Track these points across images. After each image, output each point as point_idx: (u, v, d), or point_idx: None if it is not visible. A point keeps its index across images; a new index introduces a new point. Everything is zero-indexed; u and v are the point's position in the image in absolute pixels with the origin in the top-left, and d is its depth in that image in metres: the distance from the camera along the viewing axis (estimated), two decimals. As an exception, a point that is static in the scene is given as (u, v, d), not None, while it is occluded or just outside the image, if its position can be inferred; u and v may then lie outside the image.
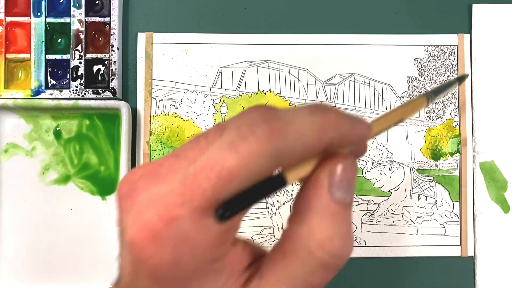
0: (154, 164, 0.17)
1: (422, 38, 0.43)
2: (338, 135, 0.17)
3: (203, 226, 0.16)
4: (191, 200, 0.15)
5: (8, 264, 0.40)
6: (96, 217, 0.40)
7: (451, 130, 0.42)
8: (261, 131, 0.16)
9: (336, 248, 0.17)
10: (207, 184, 0.15)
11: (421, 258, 0.42)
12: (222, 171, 0.15)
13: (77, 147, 0.41)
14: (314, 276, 0.18)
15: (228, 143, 0.16)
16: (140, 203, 0.17)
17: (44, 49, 0.41)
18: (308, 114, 0.17)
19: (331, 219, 0.18)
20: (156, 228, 0.16)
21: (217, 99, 0.42)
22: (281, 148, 0.16)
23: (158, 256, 0.16)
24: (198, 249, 0.16)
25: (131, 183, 0.17)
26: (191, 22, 0.42)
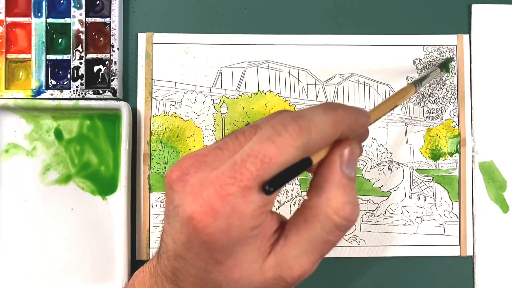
0: (200, 155, 0.22)
1: (421, 38, 0.43)
2: (347, 126, 0.22)
3: (250, 200, 0.20)
4: (241, 180, 0.20)
5: (8, 264, 0.40)
6: (97, 217, 0.40)
7: (450, 130, 0.43)
8: (292, 128, 0.20)
9: (348, 213, 0.22)
10: (253, 168, 0.20)
11: (420, 258, 0.42)
12: (265, 158, 0.20)
13: (77, 147, 0.41)
14: (330, 235, 0.23)
15: (266, 136, 0.20)
16: (193, 185, 0.21)
17: (45, 50, 0.41)
18: (323, 112, 0.21)
19: (343, 190, 0.22)
20: (214, 203, 0.20)
21: (217, 99, 0.42)
22: (307, 141, 0.20)
23: (214, 226, 0.20)
24: (245, 218, 0.20)
25: (182, 169, 0.22)
26: (191, 23, 0.42)
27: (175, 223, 0.21)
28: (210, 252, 0.21)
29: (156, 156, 0.41)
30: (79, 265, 0.40)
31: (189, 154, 0.23)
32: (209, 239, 0.20)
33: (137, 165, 0.41)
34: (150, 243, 0.41)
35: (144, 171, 0.41)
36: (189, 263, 0.22)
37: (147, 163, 0.41)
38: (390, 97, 0.30)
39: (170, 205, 0.22)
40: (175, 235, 0.22)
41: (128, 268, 0.39)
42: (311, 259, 0.23)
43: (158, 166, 0.41)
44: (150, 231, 0.41)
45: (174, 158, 0.41)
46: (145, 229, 0.41)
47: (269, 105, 0.42)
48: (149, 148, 0.41)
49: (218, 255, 0.21)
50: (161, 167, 0.41)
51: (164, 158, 0.41)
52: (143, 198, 0.41)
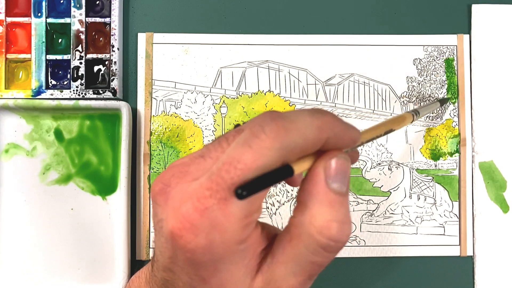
0: (183, 165, 0.21)
1: (421, 38, 0.43)
2: (333, 135, 0.20)
3: (229, 212, 0.19)
4: (216, 191, 0.18)
5: (8, 263, 0.40)
6: (97, 217, 0.40)
7: (450, 130, 0.43)
8: (269, 128, 0.19)
9: (333, 233, 0.20)
10: (227, 176, 0.18)
11: (421, 258, 0.42)
12: (239, 164, 0.18)
13: (77, 147, 0.41)
14: (316, 256, 0.21)
15: (243, 141, 0.19)
16: (174, 198, 0.20)
17: (45, 50, 0.41)
18: (309, 114, 0.20)
19: (328, 207, 0.20)
20: (192, 219, 0.19)
21: (217, 99, 0.42)
22: (286, 142, 0.19)
23: (194, 242, 0.19)
24: (227, 233, 0.19)
25: (163, 181, 0.20)
26: (191, 23, 0.42)
27: (160, 236, 0.21)
28: (194, 269, 0.20)
29: (156, 156, 0.41)
30: (79, 265, 0.40)
31: (173, 163, 0.22)
32: (191, 256, 0.19)
33: (137, 165, 0.41)
34: (150, 243, 0.41)
35: (144, 171, 0.41)
36: (177, 275, 0.21)
37: (147, 163, 0.41)
38: (386, 121, 0.28)
39: (155, 218, 0.21)
40: (161, 248, 0.21)
41: (128, 268, 0.39)
42: (299, 280, 0.22)
43: (158, 166, 0.41)
44: (150, 231, 0.41)
45: (174, 158, 0.41)
46: (145, 229, 0.41)
47: (269, 105, 0.42)
48: (149, 148, 0.41)
49: (203, 273, 0.20)
50: (161, 167, 0.41)
51: (164, 158, 0.41)
52: (143, 198, 0.41)
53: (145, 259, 0.41)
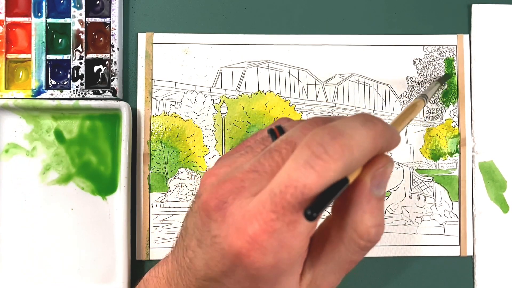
0: (237, 179, 0.21)
1: (421, 38, 0.43)
2: (385, 142, 0.21)
3: (297, 233, 0.19)
4: (284, 214, 0.19)
5: (8, 264, 0.40)
6: (97, 217, 0.40)
7: (450, 130, 0.43)
8: (333, 148, 0.18)
9: (372, 236, 0.21)
10: (295, 200, 0.18)
11: (420, 258, 0.42)
12: (305, 189, 0.18)
13: (77, 147, 0.41)
14: (354, 255, 0.22)
15: (304, 161, 0.18)
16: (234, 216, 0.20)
17: (45, 50, 0.41)
18: (362, 125, 0.20)
19: (370, 213, 0.21)
20: (261, 240, 0.19)
21: (217, 99, 0.42)
22: (349, 161, 0.19)
23: (262, 262, 0.19)
24: (294, 250, 0.20)
25: (219, 197, 0.20)
26: (191, 22, 0.42)
27: (213, 251, 0.21)
28: (254, 283, 0.21)
29: (156, 156, 0.41)
30: (79, 265, 0.40)
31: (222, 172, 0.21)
32: (256, 273, 0.20)
33: (137, 165, 0.41)
34: (150, 243, 0.41)
35: (144, 171, 0.41)
36: (225, 286, 0.21)
37: (147, 163, 0.41)
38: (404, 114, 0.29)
39: (206, 232, 0.21)
40: (210, 262, 0.21)
41: (128, 268, 0.39)
42: (337, 277, 0.23)
43: (158, 166, 0.41)
44: (150, 231, 0.41)
45: (174, 158, 0.41)
46: (145, 229, 0.41)
47: (269, 105, 0.42)
48: (149, 148, 0.41)
49: (262, 285, 0.21)
50: (161, 167, 0.41)
51: (164, 158, 0.41)
52: (143, 198, 0.41)
53: (145, 259, 0.41)
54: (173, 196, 0.41)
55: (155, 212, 0.41)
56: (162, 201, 0.41)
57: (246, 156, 0.23)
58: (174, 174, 0.41)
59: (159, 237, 0.41)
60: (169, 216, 0.41)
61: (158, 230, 0.41)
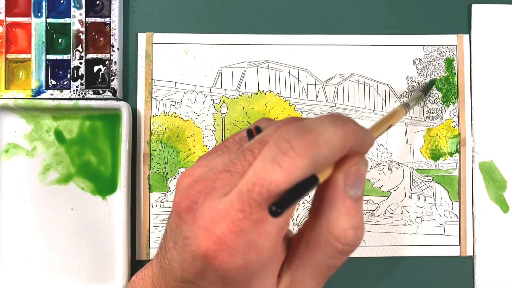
0: (208, 180, 0.20)
1: (421, 38, 0.43)
2: (356, 141, 0.20)
3: (265, 232, 0.19)
4: (250, 213, 0.18)
5: (8, 263, 0.40)
6: (97, 217, 0.40)
7: (450, 130, 0.43)
8: (299, 144, 0.18)
9: (350, 239, 0.21)
10: (261, 198, 0.18)
11: (421, 258, 0.42)
12: (271, 186, 0.18)
13: (77, 147, 0.41)
14: (332, 260, 0.21)
15: (271, 157, 0.18)
16: (203, 217, 0.19)
17: (45, 50, 0.41)
18: (331, 123, 0.19)
19: (346, 214, 0.21)
20: (228, 240, 0.19)
21: (217, 99, 0.42)
22: (316, 158, 0.18)
23: (231, 263, 0.19)
24: (263, 251, 0.19)
25: (190, 198, 0.20)
26: (191, 22, 0.42)
27: (185, 253, 0.20)
28: (226, 285, 0.20)
29: (156, 156, 0.41)
30: (79, 265, 0.40)
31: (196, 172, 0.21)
32: (226, 275, 0.19)
33: (137, 165, 0.41)
34: (150, 243, 0.41)
35: (144, 171, 0.41)
36: None
37: (147, 163, 0.41)
38: (383, 118, 0.29)
39: (179, 234, 0.21)
40: (184, 264, 0.21)
41: (128, 268, 0.39)
42: (317, 282, 0.22)
43: (158, 166, 0.41)
44: (150, 231, 0.41)
45: (174, 158, 0.41)
46: (145, 229, 0.41)
47: (269, 105, 0.42)
48: (149, 148, 0.41)
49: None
50: (161, 167, 0.41)
51: (164, 158, 0.41)
52: (143, 198, 0.41)
53: (145, 259, 0.41)
54: (173, 196, 0.41)
55: (155, 212, 0.41)
56: (162, 201, 0.41)
57: (222, 156, 0.22)
58: (174, 174, 0.41)
59: (159, 237, 0.41)
60: (169, 216, 0.41)
61: (158, 230, 0.41)
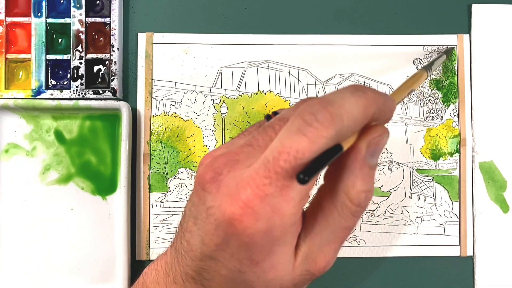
0: (231, 153, 0.21)
1: (421, 38, 0.43)
2: (377, 109, 0.21)
3: (289, 198, 0.20)
4: (277, 179, 0.19)
5: (8, 263, 0.40)
6: (97, 217, 0.40)
7: (450, 130, 0.43)
8: (323, 116, 0.19)
9: (362, 200, 0.22)
10: (288, 165, 0.19)
11: (421, 258, 0.42)
12: (297, 154, 0.19)
13: (77, 147, 0.41)
14: (347, 221, 0.22)
15: (296, 128, 0.19)
16: (229, 186, 0.20)
17: (45, 50, 0.41)
18: (351, 94, 0.20)
19: (362, 179, 0.22)
20: (254, 204, 0.19)
21: (217, 99, 0.42)
22: (339, 128, 0.19)
23: (255, 227, 0.20)
24: (286, 216, 0.20)
25: (214, 170, 0.21)
26: (191, 22, 0.42)
27: (207, 224, 0.21)
28: (248, 253, 0.21)
29: (156, 156, 0.41)
30: (79, 265, 0.40)
31: (219, 152, 0.22)
32: (249, 240, 0.20)
33: (137, 165, 0.41)
34: (150, 243, 0.41)
35: (144, 171, 0.41)
36: (220, 263, 0.21)
37: (147, 163, 0.41)
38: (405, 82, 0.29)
39: (201, 206, 0.21)
40: (205, 236, 0.21)
41: (128, 268, 0.39)
42: (333, 247, 0.23)
43: (158, 166, 0.41)
44: (150, 231, 0.41)
45: (174, 158, 0.41)
46: (145, 229, 0.41)
47: (269, 105, 0.42)
48: (149, 148, 0.41)
49: (257, 256, 0.21)
50: (161, 167, 0.41)
51: (164, 158, 0.41)
52: (143, 198, 0.41)
53: (145, 259, 0.41)
54: (173, 196, 0.41)
55: (155, 212, 0.41)
56: (162, 201, 0.41)
57: (242, 138, 0.23)
58: (174, 174, 0.41)
59: (159, 237, 0.41)
60: (169, 216, 0.41)
61: (158, 230, 0.41)
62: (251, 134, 0.22)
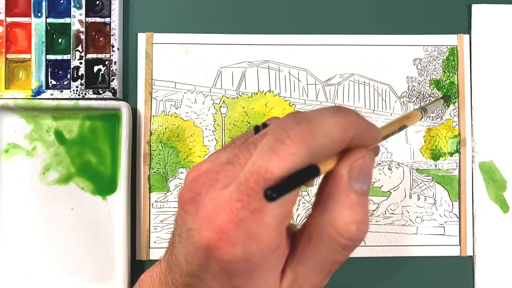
0: (211, 172, 0.20)
1: (421, 38, 0.43)
2: (357, 133, 0.20)
3: (264, 222, 0.19)
4: (248, 203, 0.18)
5: (8, 263, 0.40)
6: (97, 217, 0.40)
7: (450, 130, 0.43)
8: (294, 133, 0.18)
9: (352, 233, 0.20)
10: (258, 186, 0.18)
11: (421, 258, 0.42)
12: (267, 174, 0.18)
13: (77, 147, 0.41)
14: (335, 255, 0.21)
15: (268, 147, 0.18)
16: (206, 208, 0.19)
17: (45, 50, 0.41)
18: (332, 114, 0.19)
19: (349, 209, 0.20)
20: (228, 230, 0.18)
21: (217, 99, 0.42)
22: (313, 146, 0.18)
23: (231, 253, 0.19)
24: (263, 242, 0.19)
25: (193, 190, 0.20)
26: (191, 22, 0.42)
27: (189, 245, 0.20)
28: (228, 278, 0.20)
29: (156, 156, 0.41)
30: (79, 265, 0.40)
31: (203, 167, 0.21)
32: (227, 266, 0.19)
33: (137, 165, 0.41)
34: (150, 243, 0.41)
35: (144, 171, 0.41)
36: (204, 282, 0.21)
37: (147, 163, 0.41)
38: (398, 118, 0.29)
39: (183, 226, 0.21)
40: (188, 256, 0.21)
41: (128, 268, 0.39)
42: (320, 277, 0.22)
43: (158, 166, 0.41)
44: (150, 231, 0.41)
45: (174, 158, 0.41)
46: (145, 229, 0.41)
47: (269, 105, 0.42)
48: (149, 148, 0.41)
49: (237, 281, 0.20)
50: (161, 167, 0.41)
51: (164, 158, 0.41)
52: (143, 198, 0.41)
53: (145, 259, 0.41)
54: (173, 196, 0.41)
55: (155, 212, 0.41)
56: (162, 201, 0.41)
57: (228, 152, 0.22)
58: (174, 174, 0.41)
59: (159, 237, 0.41)
60: (169, 216, 0.41)
61: (158, 230, 0.41)
62: (234, 150, 0.22)
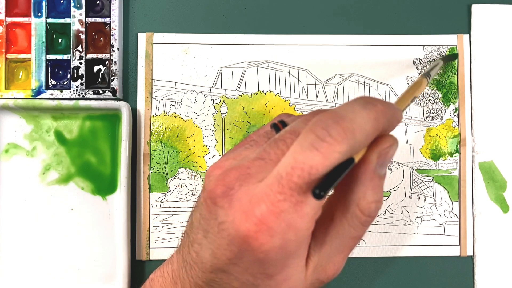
0: (243, 167, 0.21)
1: (421, 38, 0.43)
2: (387, 121, 0.21)
3: (304, 213, 0.20)
4: (291, 195, 0.19)
5: (8, 263, 0.40)
6: (97, 217, 0.40)
7: (450, 130, 0.43)
8: (336, 131, 0.19)
9: (372, 211, 0.22)
10: (302, 181, 0.19)
11: (421, 258, 0.42)
12: (312, 170, 0.19)
13: (77, 147, 0.41)
14: (357, 231, 0.23)
15: (309, 144, 0.19)
16: (241, 201, 0.20)
17: (45, 50, 0.41)
18: (362, 108, 0.20)
19: (372, 190, 0.22)
20: (268, 221, 0.19)
21: (217, 99, 0.42)
22: (353, 143, 0.19)
23: (270, 244, 0.20)
24: (300, 232, 0.20)
25: (226, 184, 0.21)
26: (191, 22, 0.43)
27: (219, 239, 0.21)
28: (262, 268, 0.21)
29: (156, 156, 0.41)
30: (79, 265, 0.40)
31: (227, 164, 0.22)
32: (264, 256, 0.20)
33: (137, 165, 0.41)
34: (150, 243, 0.41)
35: (144, 171, 0.41)
36: (233, 276, 0.21)
37: (147, 163, 0.41)
38: (407, 90, 0.30)
39: (213, 220, 0.21)
40: (217, 251, 0.21)
41: (128, 268, 0.39)
42: (342, 256, 0.24)
43: (158, 166, 0.41)
44: (150, 231, 0.41)
45: (174, 158, 0.41)
46: (145, 229, 0.41)
47: (269, 105, 0.42)
48: (149, 148, 0.41)
49: (271, 270, 0.21)
50: (161, 167, 0.41)
51: (164, 158, 0.41)
52: (143, 198, 0.41)
53: (145, 259, 0.41)
54: (173, 196, 0.41)
55: (155, 212, 0.41)
56: (162, 201, 0.41)
57: (250, 149, 0.23)
58: (174, 174, 0.41)
59: (159, 237, 0.41)
60: (169, 216, 0.41)
61: (158, 230, 0.41)
62: (258, 146, 0.23)
